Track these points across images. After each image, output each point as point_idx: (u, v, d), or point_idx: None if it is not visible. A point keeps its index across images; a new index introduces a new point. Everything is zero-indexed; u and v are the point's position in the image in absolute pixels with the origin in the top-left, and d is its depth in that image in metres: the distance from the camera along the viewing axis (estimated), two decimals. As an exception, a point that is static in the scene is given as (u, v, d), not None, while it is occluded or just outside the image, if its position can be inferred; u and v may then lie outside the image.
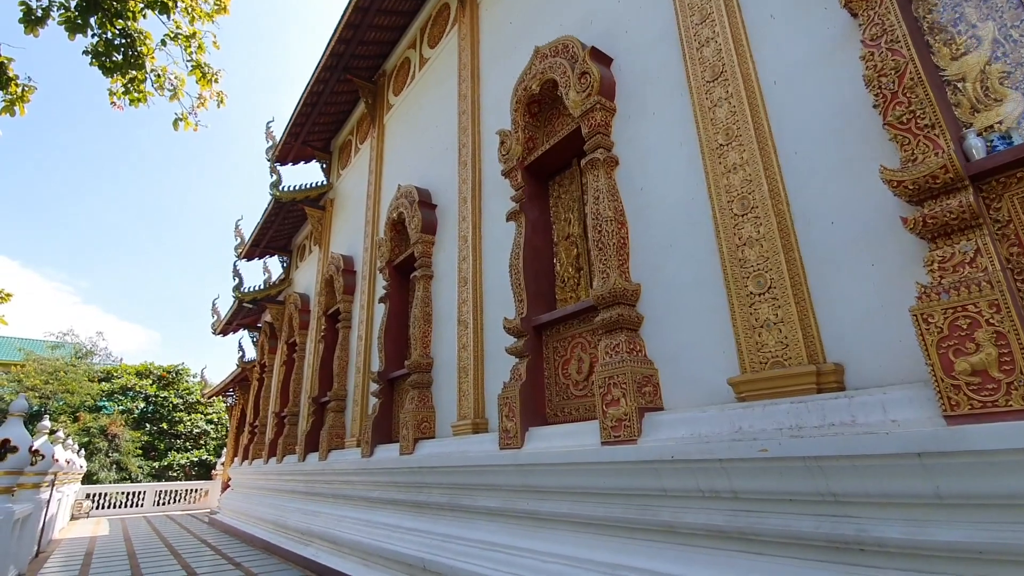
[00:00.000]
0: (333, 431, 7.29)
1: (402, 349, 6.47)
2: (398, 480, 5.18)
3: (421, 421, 5.19)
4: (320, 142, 10.72)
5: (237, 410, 17.45)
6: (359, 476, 5.99)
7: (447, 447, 4.58)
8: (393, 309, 6.54)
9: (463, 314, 5.02)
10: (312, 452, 7.94)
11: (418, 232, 5.97)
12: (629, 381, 2.98)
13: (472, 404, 4.61)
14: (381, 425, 6.04)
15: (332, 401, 7.57)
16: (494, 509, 3.90)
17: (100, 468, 20.08)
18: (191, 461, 23.05)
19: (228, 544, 8.67)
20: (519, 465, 3.60)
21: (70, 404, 21.11)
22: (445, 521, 4.46)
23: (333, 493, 6.70)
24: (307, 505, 7.39)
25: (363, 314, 7.46)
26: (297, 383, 9.84)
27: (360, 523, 5.67)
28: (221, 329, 14.17)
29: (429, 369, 5.51)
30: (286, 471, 8.59)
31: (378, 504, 5.61)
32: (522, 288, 4.15)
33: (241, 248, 12.30)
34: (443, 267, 5.77)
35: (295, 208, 11.04)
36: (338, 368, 7.74)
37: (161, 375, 24.96)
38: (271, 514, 8.39)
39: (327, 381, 8.38)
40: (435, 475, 4.60)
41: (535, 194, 4.56)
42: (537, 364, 4.03)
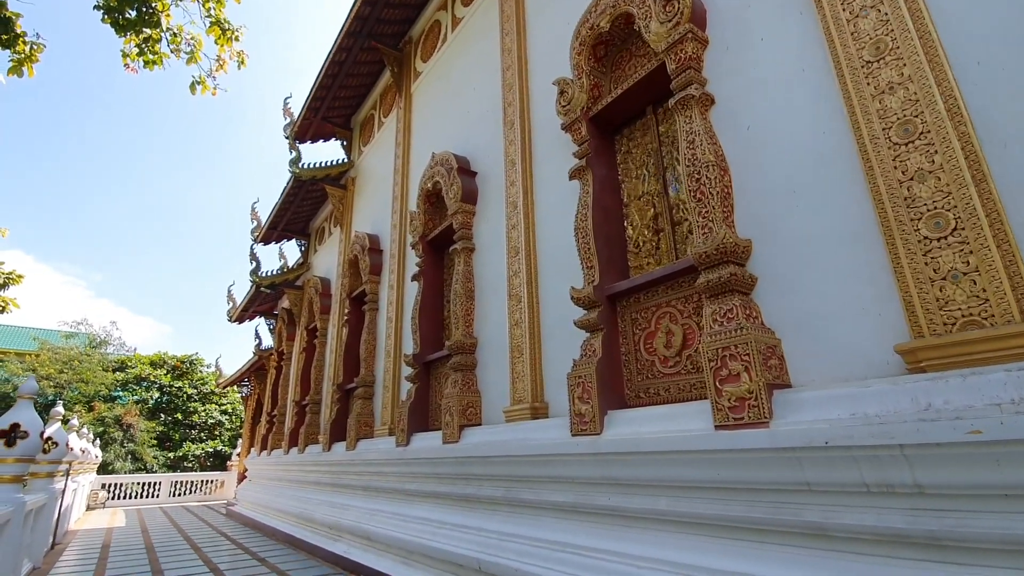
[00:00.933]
0: (361, 419, 6.83)
1: (438, 330, 5.98)
2: (441, 471, 4.70)
3: (466, 407, 4.70)
4: (340, 118, 10.22)
5: (252, 400, 17.11)
6: (393, 467, 5.52)
7: (500, 435, 4.08)
8: (428, 287, 6.04)
9: (515, 287, 4.50)
10: (338, 441, 7.50)
11: (457, 201, 5.45)
12: (752, 352, 2.45)
13: (528, 386, 4.10)
14: (417, 412, 5.56)
15: (359, 388, 7.10)
16: (564, 504, 3.40)
17: (115, 458, 19.88)
18: (206, 452, 22.83)
19: (249, 537, 8.27)
20: (599, 454, 3.09)
21: (85, 394, 20.92)
22: (500, 517, 3.96)
23: (364, 485, 6.25)
24: (334, 497, 6.95)
25: (392, 295, 6.97)
26: (319, 370, 9.40)
27: (396, 518, 5.21)
28: (237, 316, 13.78)
29: (473, 350, 5.00)
30: (309, 461, 8.16)
31: (417, 497, 5.14)
32: (592, 254, 3.62)
33: (258, 231, 11.86)
34: (486, 238, 5.25)
35: (314, 189, 10.57)
36: (365, 353, 7.27)
37: (175, 365, 24.73)
38: (294, 507, 7.97)
39: (353, 367, 7.91)
40: (487, 466, 4.11)
41: (602, 148, 4.03)
42: (612, 338, 3.50)
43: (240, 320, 14.13)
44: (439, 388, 5.62)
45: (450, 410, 4.72)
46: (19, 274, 8.29)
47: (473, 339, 5.02)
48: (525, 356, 4.20)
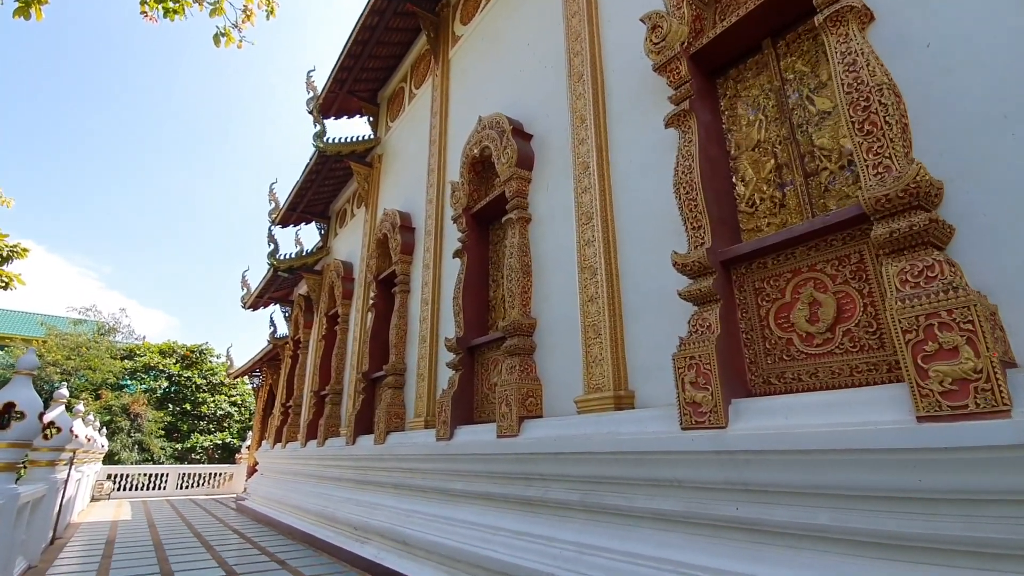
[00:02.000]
0: (392, 410, 6.23)
1: (483, 312, 5.37)
2: (495, 470, 4.09)
3: (526, 396, 4.09)
4: (367, 92, 9.64)
5: (264, 391, 16.60)
6: (433, 463, 4.92)
7: (576, 428, 3.46)
8: (472, 264, 5.43)
9: (587, 259, 3.88)
10: (364, 434, 6.90)
11: (511, 167, 4.84)
12: (976, 319, 1.82)
13: (608, 372, 3.47)
14: (461, 402, 4.95)
15: (389, 376, 6.51)
16: (668, 513, 2.78)
17: (122, 448, 19.42)
18: (215, 444, 22.36)
19: (264, 535, 7.70)
20: (725, 453, 2.47)
21: (92, 381, 20.49)
22: (576, 526, 3.35)
23: (395, 483, 5.65)
24: (360, 495, 6.36)
25: (428, 275, 6.37)
26: (340, 358, 8.81)
27: (437, 521, 4.60)
28: (251, 303, 13.24)
29: (532, 331, 4.39)
30: (330, 455, 7.58)
31: (463, 498, 4.54)
32: (701, 211, 2.99)
33: (276, 213, 11.31)
34: (545, 207, 4.64)
35: (336, 168, 9.99)
36: (395, 338, 6.67)
37: (185, 354, 24.27)
38: (313, 503, 7.39)
39: (380, 354, 7.32)
40: (558, 464, 3.49)
41: (704, 91, 3.40)
42: (730, 312, 2.88)
43: (254, 307, 13.59)
44: (486, 376, 5.01)
45: (507, 400, 4.10)
46: (24, 247, 7.76)
47: (531, 319, 4.40)
48: (604, 337, 3.58)
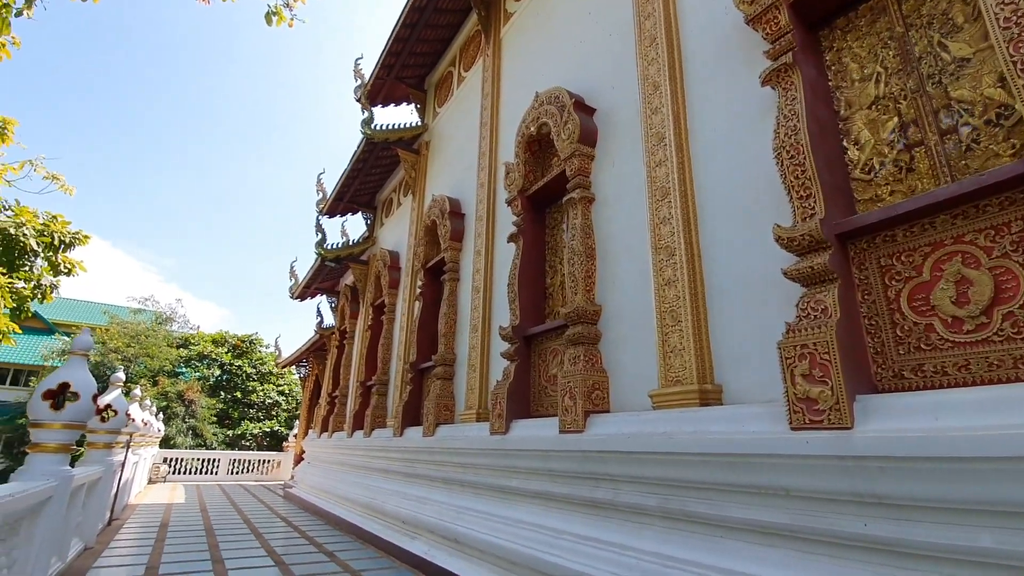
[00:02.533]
0: (441, 402, 6.01)
1: (539, 299, 5.06)
2: (556, 468, 3.77)
3: (591, 388, 3.75)
4: (414, 78, 9.46)
5: (310, 381, 16.83)
6: (487, 458, 4.65)
7: (652, 425, 3.11)
8: (528, 249, 5.12)
9: (663, 238, 3.51)
10: (412, 426, 6.72)
11: (573, 143, 4.49)
12: None
13: (691, 363, 3.10)
14: (517, 395, 4.66)
15: (438, 367, 6.29)
16: (770, 526, 2.40)
17: (177, 433, 20.15)
18: (263, 431, 22.96)
19: (311, 525, 7.65)
20: (851, 459, 2.08)
21: (150, 368, 21.34)
22: (653, 534, 2.99)
23: (444, 477, 5.42)
24: (408, 488, 6.17)
25: (479, 261, 6.10)
26: (386, 348, 8.69)
27: (492, 520, 4.33)
28: (299, 293, 13.36)
29: (596, 319, 4.05)
30: (377, 447, 7.44)
31: (519, 497, 4.24)
32: (811, 178, 2.58)
33: (323, 203, 11.31)
34: (611, 184, 4.28)
35: (383, 156, 9.87)
36: (445, 328, 6.44)
37: (236, 344, 25.02)
38: (360, 495, 7.27)
39: (428, 344, 7.12)
40: (631, 465, 3.15)
41: (807, 44, 2.97)
42: (849, 293, 2.46)
43: (302, 297, 13.72)
44: (543, 367, 4.70)
45: (570, 392, 3.78)
46: (85, 235, 7.92)
47: (596, 306, 4.06)
48: (684, 324, 3.20)
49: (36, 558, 3.44)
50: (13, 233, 7.02)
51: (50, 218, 7.69)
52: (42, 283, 7.38)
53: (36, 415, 3.54)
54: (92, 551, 5.38)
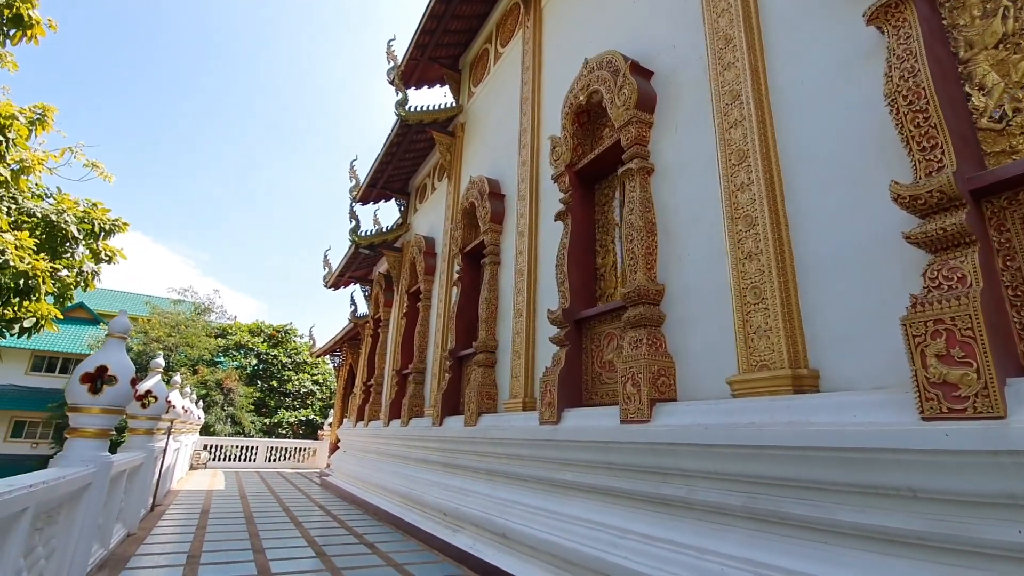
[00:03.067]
0: (483, 390, 5.75)
1: (589, 280, 4.73)
2: (618, 461, 3.46)
3: (656, 375, 3.42)
4: (448, 58, 9.16)
5: (344, 370, 16.88)
6: (536, 450, 4.37)
7: (735, 414, 2.77)
8: (577, 228, 4.80)
9: (741, 207, 3.13)
10: (452, 415, 6.50)
11: (630, 109, 4.13)
12: None
13: (781, 346, 2.74)
14: (569, 382, 4.35)
15: (479, 354, 6.03)
16: (894, 533, 2.04)
17: (216, 420, 20.59)
18: (299, 420, 23.29)
19: (350, 514, 7.53)
20: (1005, 453, 1.71)
21: (190, 357, 21.82)
22: (739, 537, 2.66)
23: (489, 468, 5.17)
24: (448, 479, 5.95)
25: (522, 243, 5.80)
26: (422, 336, 8.49)
27: (543, 515, 4.06)
28: (332, 282, 13.32)
29: (659, 299, 3.70)
30: (415, 436, 7.25)
31: (574, 492, 3.95)
32: (935, 126, 2.18)
33: (356, 190, 11.17)
34: (673, 152, 3.91)
35: (417, 140, 9.63)
36: (485, 313, 6.17)
37: (271, 334, 25.41)
38: (398, 485, 7.11)
39: (467, 331, 6.87)
40: (708, 459, 2.81)
41: (925, -28, 2.55)
42: (987, 259, 2.07)
43: (336, 286, 13.68)
44: (597, 353, 4.38)
45: (632, 379, 3.45)
46: (125, 222, 7.93)
47: (659, 285, 3.71)
48: (771, 302, 2.83)
49: (76, 546, 3.32)
50: (55, 220, 7.04)
51: (90, 205, 7.71)
52: (84, 270, 7.40)
53: (74, 399, 3.40)
54: (135, 537, 5.33)
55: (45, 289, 5.47)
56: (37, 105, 7.06)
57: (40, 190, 7.80)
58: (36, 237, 7.03)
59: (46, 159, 7.24)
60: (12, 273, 5.01)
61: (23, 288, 5.22)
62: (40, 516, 2.71)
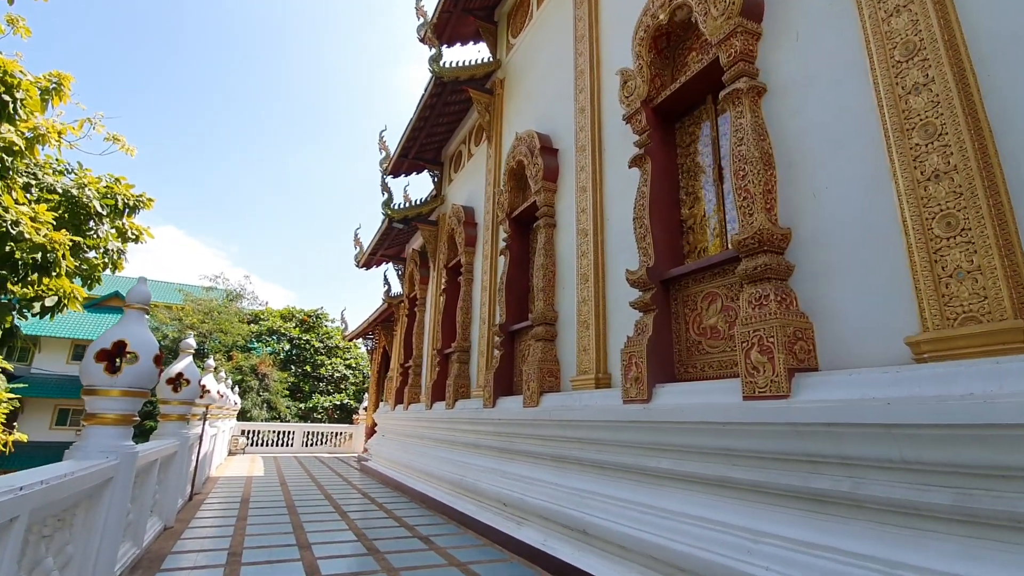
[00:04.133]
0: (544, 367, 5.12)
1: (674, 234, 4.03)
2: (739, 446, 2.79)
3: (792, 339, 2.71)
4: (483, 9, 8.41)
5: (378, 353, 16.52)
6: (617, 433, 3.73)
7: (936, 383, 2.06)
8: (659, 174, 4.08)
9: (916, 114, 2.38)
10: (506, 396, 5.90)
11: (732, 19, 3.36)
12: None
13: (1001, 289, 2.01)
14: (659, 353, 3.68)
15: (536, 327, 5.39)
16: None
17: (253, 406, 20.58)
18: (333, 404, 23.20)
19: (395, 501, 7.06)
20: None
21: (224, 343, 21.82)
22: (944, 548, 1.98)
23: (556, 455, 4.56)
24: (506, 466, 5.38)
25: (583, 200, 5.10)
26: (466, 312, 7.89)
27: (635, 509, 3.43)
28: (364, 261, 12.83)
29: (784, 246, 2.98)
30: (462, 419, 6.70)
31: (672, 482, 3.30)
32: None
33: (387, 162, 10.56)
34: (794, 65, 3.15)
35: (451, 102, 8.95)
36: (543, 281, 5.51)
37: (303, 319, 25.31)
38: (446, 471, 6.59)
39: (518, 303, 6.24)
40: (891, 443, 2.12)
41: None
42: None
43: (367, 265, 13.20)
44: (693, 318, 3.70)
45: (760, 344, 2.76)
46: (149, 198, 7.51)
47: (784, 229, 2.99)
48: (975, 232, 2.10)
49: (99, 550, 2.83)
50: (76, 195, 6.61)
51: (113, 180, 7.28)
52: (109, 249, 6.99)
53: (90, 380, 2.90)
54: (172, 531, 4.91)
55: (66, 265, 5.04)
56: (52, 73, 6.60)
57: (61, 165, 7.41)
58: (58, 214, 6.63)
59: (64, 131, 6.80)
60: (28, 247, 4.57)
61: (41, 264, 4.78)
62: (43, 522, 2.18)
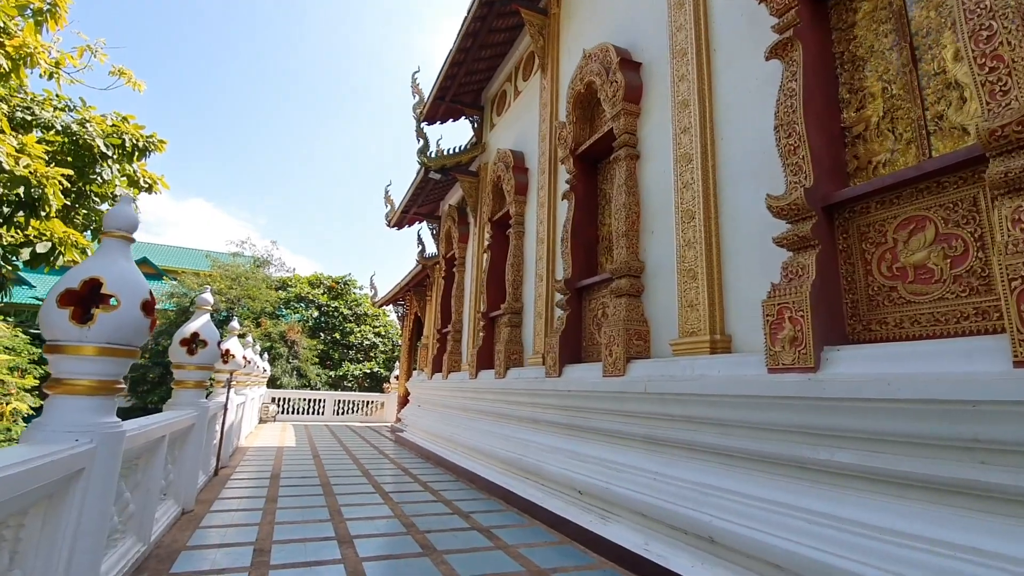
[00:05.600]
0: (630, 329, 4.15)
1: (838, 147, 2.96)
2: (911, 430, 1.80)
3: None
4: (536, -85, 7.18)
5: (410, 319, 15.79)
6: (763, 412, 2.76)
7: None
8: (814, 67, 2.99)
9: None
10: (573, 363, 4.98)
11: None
12: None
13: None
14: (824, 305, 2.67)
15: (618, 279, 4.41)
16: None
17: (283, 373, 20.23)
18: (364, 373, 22.77)
19: (441, 480, 6.30)
20: None
21: (252, 310, 21.42)
22: None
23: (650, 436, 3.63)
24: (578, 446, 4.49)
25: (684, 118, 4.02)
26: (517, 269, 6.94)
27: (801, 516, 2.48)
28: (396, 220, 11.94)
29: None
30: (518, 390, 5.81)
31: (862, 482, 2.34)
32: None
33: (421, 106, 9.52)
34: None
35: (496, 29, 7.83)
36: (625, 225, 4.50)
37: (331, 285, 24.77)
38: (498, 448, 5.76)
39: (587, 254, 5.26)
40: None
41: None
42: None
43: (399, 224, 12.30)
44: (882, 259, 2.66)
45: None
46: (161, 139, 6.68)
47: (1088, 104, 1.91)
48: None
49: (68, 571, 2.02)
50: (77, 131, 5.78)
51: (120, 119, 6.43)
52: (117, 195, 6.19)
53: (52, 333, 2.09)
54: (190, 516, 4.17)
55: (56, 204, 4.24)
56: (45, -11, 5.71)
57: (62, 102, 6.58)
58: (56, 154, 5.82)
59: (63, 63, 5.94)
60: (6, 180, 3.74)
61: (26, 201, 3.97)
62: None
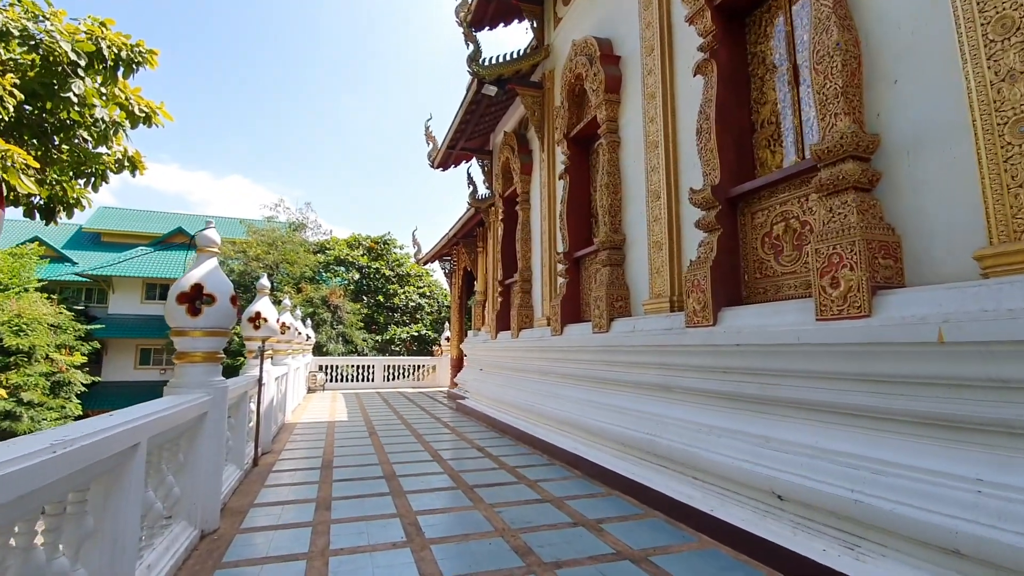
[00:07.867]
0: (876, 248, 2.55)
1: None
2: None
3: None
4: None
5: (458, 276, 14.45)
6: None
7: None
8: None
9: None
10: (731, 306, 3.43)
11: None
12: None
13: None
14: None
15: (838, 167, 2.78)
16: None
17: (328, 340, 19.47)
18: (411, 335, 21.86)
19: (533, 466, 4.98)
20: None
21: (292, 275, 20.59)
22: None
23: (819, 401, 2.08)
24: (749, 424, 3.00)
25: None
26: (612, 192, 5.33)
27: None
28: (440, 158, 10.41)
29: None
30: (632, 347, 4.33)
31: None
32: None
33: (465, 7, 7.79)
34: None
35: None
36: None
37: (370, 246, 23.68)
38: (613, 426, 4.35)
39: (738, 156, 3.62)
40: None
41: None
42: None
43: (444, 164, 10.78)
44: None
45: None
46: (150, 49, 5.28)
47: None
48: None
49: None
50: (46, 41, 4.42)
51: (96, 24, 5.04)
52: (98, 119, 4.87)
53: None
54: (211, 543, 2.94)
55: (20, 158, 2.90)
56: None
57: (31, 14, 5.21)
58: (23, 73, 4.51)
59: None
60: None
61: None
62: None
